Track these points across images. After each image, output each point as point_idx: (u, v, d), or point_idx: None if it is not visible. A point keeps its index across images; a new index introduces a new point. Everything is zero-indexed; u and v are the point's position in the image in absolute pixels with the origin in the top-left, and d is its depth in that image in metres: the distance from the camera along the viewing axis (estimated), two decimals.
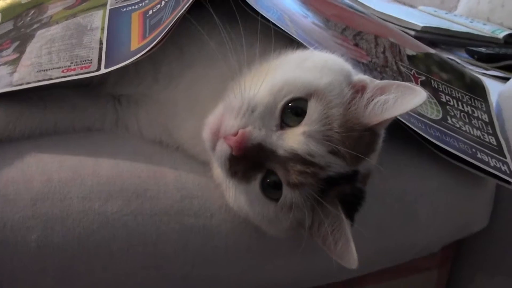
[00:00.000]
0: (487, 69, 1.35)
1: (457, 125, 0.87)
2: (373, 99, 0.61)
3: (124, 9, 0.77)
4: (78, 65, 0.68)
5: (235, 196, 0.64)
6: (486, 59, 1.39)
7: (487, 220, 0.94)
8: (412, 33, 1.45)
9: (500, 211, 0.95)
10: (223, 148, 0.59)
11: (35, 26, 0.80)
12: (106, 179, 0.66)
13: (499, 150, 0.88)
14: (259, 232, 0.68)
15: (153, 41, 0.64)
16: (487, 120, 0.93)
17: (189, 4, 0.64)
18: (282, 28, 0.67)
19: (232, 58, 0.64)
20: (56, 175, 0.64)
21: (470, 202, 0.88)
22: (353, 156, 0.59)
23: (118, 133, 0.75)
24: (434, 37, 1.50)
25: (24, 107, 0.68)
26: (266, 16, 0.66)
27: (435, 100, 0.88)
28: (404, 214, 0.81)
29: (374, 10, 1.54)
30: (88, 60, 0.68)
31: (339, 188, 0.61)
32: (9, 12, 0.88)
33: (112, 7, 0.77)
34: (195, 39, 0.65)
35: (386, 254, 0.83)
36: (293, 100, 0.60)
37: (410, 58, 0.93)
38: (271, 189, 0.61)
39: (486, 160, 0.83)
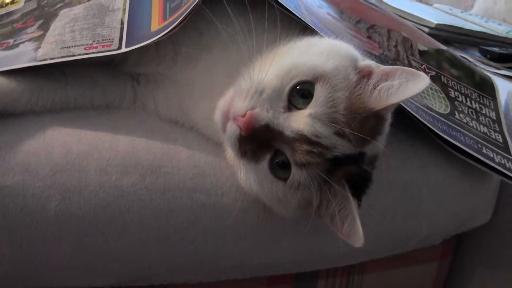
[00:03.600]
0: (499, 69, 1.35)
1: (464, 121, 0.88)
2: (378, 85, 0.63)
3: None
4: (100, 43, 0.70)
5: (246, 175, 0.66)
6: (499, 59, 1.38)
7: (490, 215, 0.95)
8: (426, 30, 1.43)
9: (503, 207, 0.95)
10: (232, 128, 0.62)
11: (58, 5, 0.82)
12: (122, 154, 0.68)
13: (504, 147, 0.89)
14: (268, 212, 0.70)
15: (173, 23, 0.66)
16: (494, 117, 0.94)
17: None
18: (297, 16, 0.69)
19: (242, 45, 0.66)
20: (75, 148, 0.67)
21: (473, 196, 0.89)
22: (358, 137, 0.61)
23: (136, 111, 0.77)
24: (447, 35, 1.48)
25: (46, 82, 0.71)
26: (283, 3, 0.68)
27: (443, 95, 0.89)
28: (408, 204, 0.82)
29: (389, 5, 1.54)
30: (109, 39, 0.70)
31: (345, 169, 0.63)
32: None
33: None
34: (214, 24, 0.67)
35: (387, 242, 0.85)
36: (300, 83, 0.62)
37: (422, 53, 0.94)
38: (280, 168, 0.63)
39: (491, 156, 0.84)
